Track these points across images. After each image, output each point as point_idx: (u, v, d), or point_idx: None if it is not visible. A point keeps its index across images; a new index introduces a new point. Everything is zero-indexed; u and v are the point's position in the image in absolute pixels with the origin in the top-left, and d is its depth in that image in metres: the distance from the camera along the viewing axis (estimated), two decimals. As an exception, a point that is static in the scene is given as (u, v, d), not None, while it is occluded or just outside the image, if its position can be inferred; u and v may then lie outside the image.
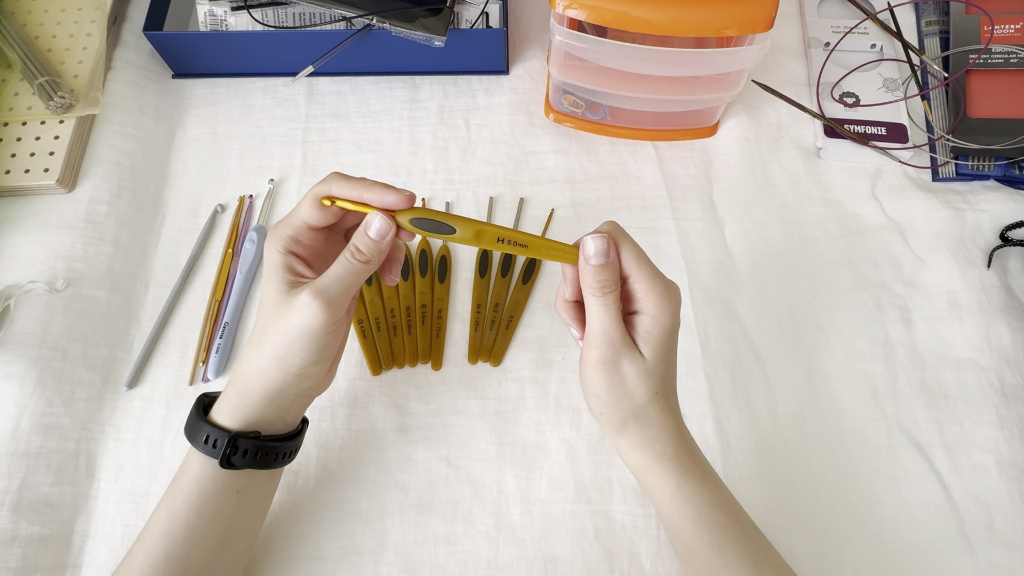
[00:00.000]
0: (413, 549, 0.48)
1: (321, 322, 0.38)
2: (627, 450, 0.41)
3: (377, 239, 0.39)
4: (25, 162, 0.59)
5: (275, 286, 0.39)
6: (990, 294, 0.56)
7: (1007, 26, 0.64)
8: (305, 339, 0.38)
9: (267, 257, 0.40)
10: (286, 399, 0.41)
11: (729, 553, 0.39)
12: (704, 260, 0.59)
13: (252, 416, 0.40)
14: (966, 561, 0.48)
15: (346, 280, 0.38)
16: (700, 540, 0.40)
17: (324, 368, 0.41)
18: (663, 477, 0.40)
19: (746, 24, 0.51)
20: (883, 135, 0.63)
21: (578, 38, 0.53)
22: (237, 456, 0.40)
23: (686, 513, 0.40)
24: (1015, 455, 0.51)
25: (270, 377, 0.40)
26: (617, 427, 0.41)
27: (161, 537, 0.40)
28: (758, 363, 0.55)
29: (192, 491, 0.40)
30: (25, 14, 0.66)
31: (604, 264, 0.38)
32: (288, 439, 0.43)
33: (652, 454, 0.40)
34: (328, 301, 0.38)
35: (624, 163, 0.64)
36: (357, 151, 0.65)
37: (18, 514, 0.47)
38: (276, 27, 0.63)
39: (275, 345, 0.39)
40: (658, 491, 0.41)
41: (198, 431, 0.40)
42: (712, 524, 0.40)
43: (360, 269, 0.39)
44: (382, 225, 0.39)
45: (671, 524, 0.41)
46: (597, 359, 0.39)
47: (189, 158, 0.64)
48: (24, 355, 0.52)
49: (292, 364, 0.39)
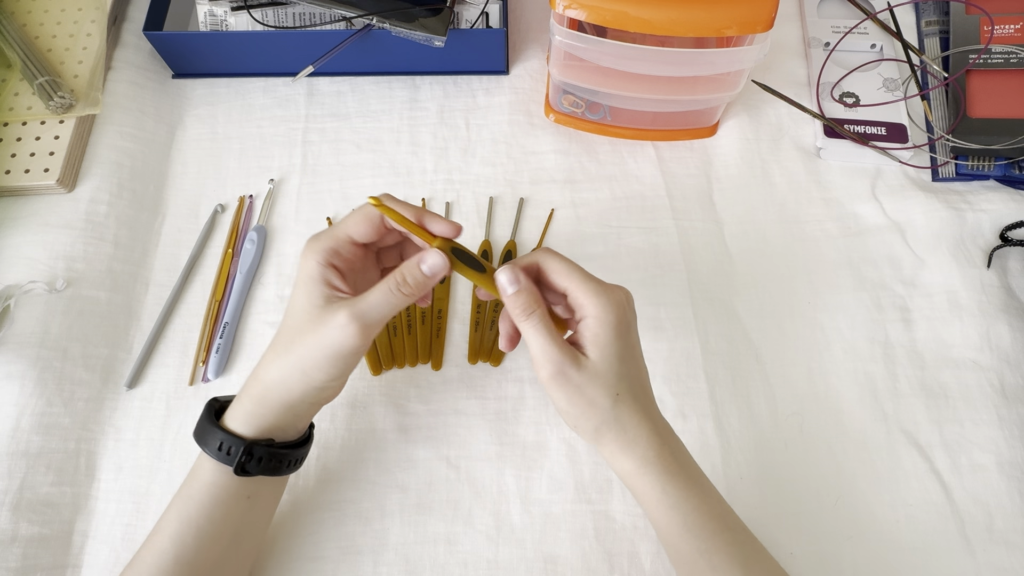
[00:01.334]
0: (413, 549, 0.48)
1: (354, 345, 0.38)
2: (610, 458, 0.41)
3: (430, 276, 0.39)
4: (25, 162, 0.59)
5: (310, 298, 0.39)
6: (990, 294, 0.56)
7: (1007, 26, 0.64)
8: (335, 357, 0.39)
9: (305, 267, 0.40)
10: (303, 408, 0.41)
11: (718, 558, 0.39)
12: (704, 260, 0.59)
13: (268, 424, 0.40)
14: (966, 561, 0.48)
15: (385, 309, 0.39)
16: (688, 545, 0.40)
17: (344, 382, 0.42)
18: (648, 483, 0.40)
19: (746, 24, 0.51)
20: (883, 135, 0.63)
21: (578, 38, 0.53)
22: (252, 463, 0.40)
23: (673, 518, 0.40)
24: (1015, 455, 0.51)
25: (291, 388, 0.40)
26: (593, 437, 0.41)
27: (171, 541, 0.40)
28: (758, 363, 0.55)
29: (204, 497, 0.40)
30: (25, 14, 0.66)
31: (517, 291, 0.40)
32: (299, 446, 0.43)
33: (634, 459, 0.40)
34: (365, 326, 0.38)
35: (624, 163, 0.64)
36: (357, 151, 0.65)
37: (18, 514, 0.47)
38: (276, 27, 0.63)
39: (301, 358, 0.39)
40: (644, 497, 0.41)
41: (211, 437, 0.40)
42: (699, 529, 0.40)
43: (402, 301, 0.39)
44: (437, 262, 0.39)
45: (660, 529, 0.41)
46: (546, 377, 0.39)
47: (189, 158, 0.64)
48: (24, 355, 0.52)
49: (316, 378, 0.39)
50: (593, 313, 0.40)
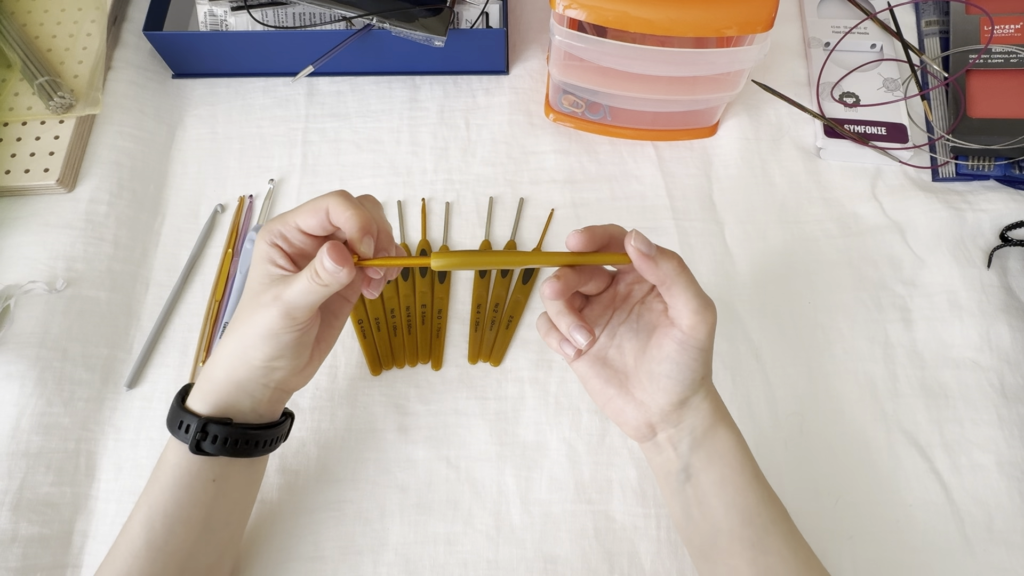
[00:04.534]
0: (413, 549, 0.48)
1: (277, 327, 0.38)
2: (708, 409, 0.41)
3: (331, 271, 0.38)
4: (25, 162, 0.59)
5: (257, 276, 0.40)
6: (990, 294, 0.56)
7: (1007, 26, 0.64)
8: (265, 336, 0.39)
9: (256, 248, 0.41)
10: (255, 388, 0.41)
11: (776, 507, 0.41)
12: (704, 260, 0.59)
13: (221, 402, 0.41)
14: (966, 561, 0.48)
15: (308, 296, 0.38)
16: (755, 494, 0.41)
17: (293, 364, 0.41)
18: (730, 425, 0.42)
19: (746, 24, 0.51)
20: (883, 135, 0.63)
21: (578, 38, 0.53)
22: (207, 442, 0.40)
23: (747, 464, 0.41)
24: (1015, 455, 0.51)
25: (235, 365, 0.40)
26: (708, 386, 0.42)
27: (141, 526, 0.40)
28: (758, 363, 0.55)
29: (168, 479, 0.40)
30: (25, 14, 0.66)
31: (655, 253, 0.39)
32: (262, 428, 0.42)
33: (721, 403, 0.42)
34: (286, 310, 0.38)
35: (624, 163, 0.64)
36: (357, 151, 0.65)
37: (18, 514, 0.47)
38: (276, 27, 0.63)
39: (241, 335, 0.40)
40: (724, 447, 0.41)
41: (173, 417, 0.41)
42: (762, 475, 0.42)
43: (320, 291, 0.38)
44: (327, 262, 0.37)
45: (729, 484, 0.41)
46: (714, 323, 0.39)
47: (189, 158, 0.64)
48: (24, 355, 0.52)
49: (254, 357, 0.40)
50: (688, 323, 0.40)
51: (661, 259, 0.38)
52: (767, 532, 0.40)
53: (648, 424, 0.42)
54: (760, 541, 0.40)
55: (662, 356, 0.40)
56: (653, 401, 0.41)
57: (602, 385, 0.43)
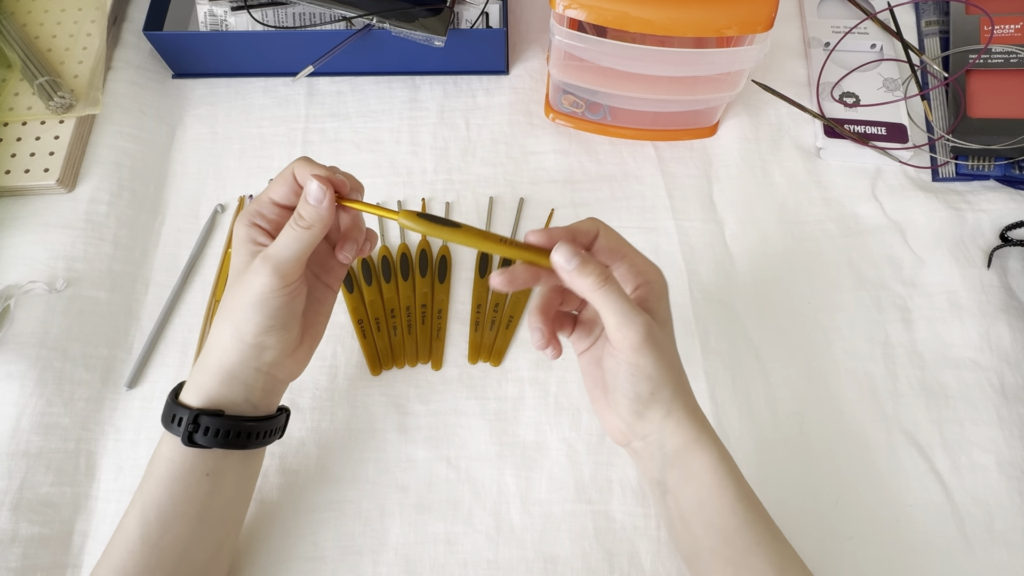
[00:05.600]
0: (413, 549, 0.48)
1: (270, 285, 0.38)
2: (675, 426, 0.40)
3: (315, 203, 0.39)
4: (25, 162, 0.59)
5: (239, 258, 0.40)
6: (990, 294, 0.56)
7: (1007, 26, 0.64)
8: (256, 303, 0.39)
9: (235, 233, 0.41)
10: (247, 374, 0.41)
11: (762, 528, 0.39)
12: (704, 260, 0.59)
13: (214, 392, 0.40)
14: (966, 561, 0.48)
15: (292, 246, 0.39)
16: (737, 517, 0.39)
17: (283, 340, 0.41)
18: (707, 448, 0.40)
19: (746, 24, 0.51)
20: (883, 135, 0.63)
21: (578, 38, 0.53)
22: (199, 434, 0.40)
23: (728, 487, 0.39)
24: (1015, 455, 0.51)
25: (227, 347, 0.40)
26: (668, 405, 0.39)
27: (135, 521, 0.40)
28: (758, 363, 0.55)
29: (162, 473, 0.40)
30: (25, 14, 0.66)
31: (582, 261, 0.37)
32: (256, 420, 0.42)
33: (698, 424, 0.40)
34: (276, 265, 0.39)
35: (624, 163, 0.64)
36: (357, 151, 0.65)
37: (18, 514, 0.47)
38: (276, 27, 0.63)
39: (231, 312, 0.40)
40: (701, 465, 0.40)
41: (167, 411, 0.41)
42: (751, 496, 0.40)
43: (305, 236, 0.39)
44: (311, 187, 0.39)
45: (707, 505, 0.40)
46: (638, 342, 0.37)
47: (189, 158, 0.64)
48: (24, 355, 0.52)
49: (247, 332, 0.40)
50: (655, 278, 0.41)
51: (579, 274, 0.36)
52: (750, 553, 0.39)
53: (622, 431, 0.42)
54: (743, 562, 0.39)
55: (609, 368, 0.40)
56: (615, 410, 0.41)
57: (591, 386, 0.43)
